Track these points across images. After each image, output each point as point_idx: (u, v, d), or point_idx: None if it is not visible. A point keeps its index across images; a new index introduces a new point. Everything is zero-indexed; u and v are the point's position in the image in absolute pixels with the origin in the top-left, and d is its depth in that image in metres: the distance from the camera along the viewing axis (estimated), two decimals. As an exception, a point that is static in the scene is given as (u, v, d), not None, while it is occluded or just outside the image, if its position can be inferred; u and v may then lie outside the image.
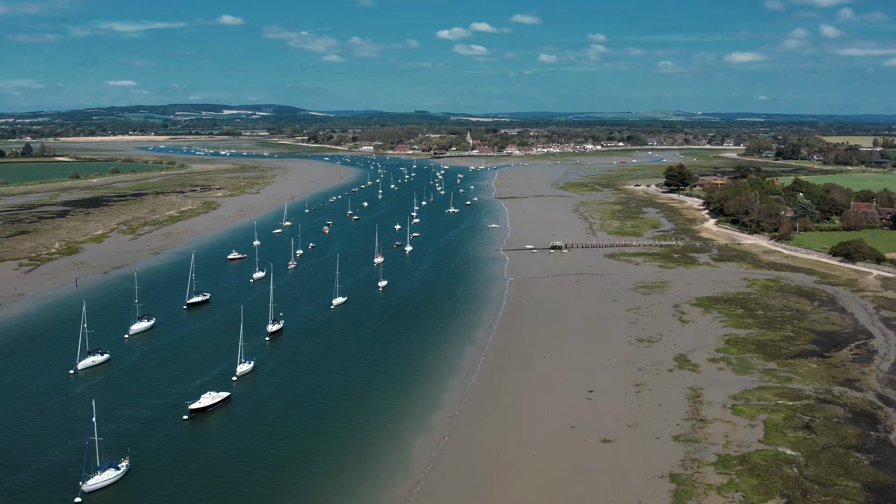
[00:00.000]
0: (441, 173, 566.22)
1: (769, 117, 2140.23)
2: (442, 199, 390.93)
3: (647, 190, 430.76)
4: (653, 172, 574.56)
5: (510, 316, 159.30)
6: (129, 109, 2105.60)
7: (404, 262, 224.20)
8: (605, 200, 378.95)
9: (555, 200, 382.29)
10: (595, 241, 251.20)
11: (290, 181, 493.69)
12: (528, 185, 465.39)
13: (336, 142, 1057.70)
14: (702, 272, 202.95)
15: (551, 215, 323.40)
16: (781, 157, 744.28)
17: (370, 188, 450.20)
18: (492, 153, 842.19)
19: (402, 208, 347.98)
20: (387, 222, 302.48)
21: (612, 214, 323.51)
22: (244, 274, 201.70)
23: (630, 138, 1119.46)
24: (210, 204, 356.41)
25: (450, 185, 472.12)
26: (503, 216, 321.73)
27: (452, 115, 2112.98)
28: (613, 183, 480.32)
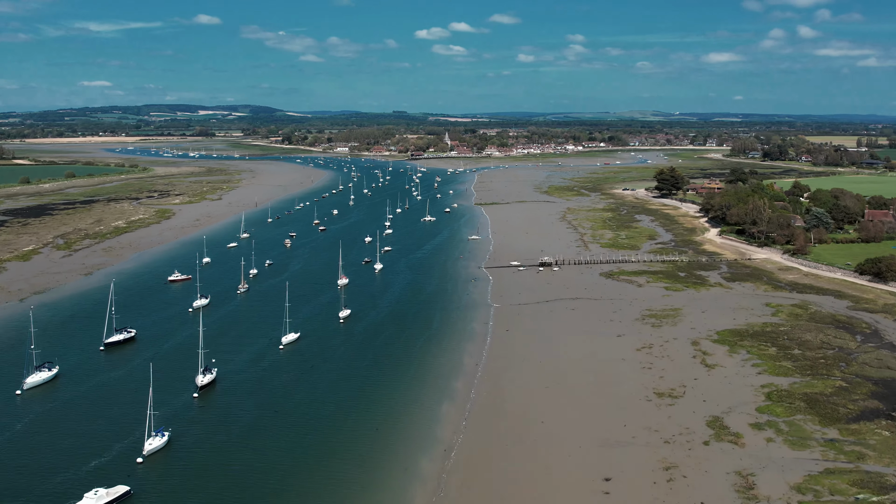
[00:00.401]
0: (418, 176, 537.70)
1: (746, 117, 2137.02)
2: (418, 205, 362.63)
3: (636, 194, 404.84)
4: (639, 175, 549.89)
5: (496, 359, 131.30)
6: (103, 110, 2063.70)
7: (373, 284, 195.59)
8: (594, 207, 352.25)
9: (539, 207, 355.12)
10: (588, 255, 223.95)
11: (257, 186, 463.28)
12: (510, 189, 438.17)
13: (310, 143, 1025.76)
14: (715, 295, 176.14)
15: (537, 224, 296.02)
16: (769, 159, 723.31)
17: (341, 193, 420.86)
18: (471, 154, 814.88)
19: (374, 216, 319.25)
20: (356, 233, 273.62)
21: (603, 223, 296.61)
22: (185, 300, 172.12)
23: (611, 139, 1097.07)
24: (164, 213, 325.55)
25: (427, 190, 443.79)
26: (484, 226, 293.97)
27: (431, 115, 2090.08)
28: (600, 186, 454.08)
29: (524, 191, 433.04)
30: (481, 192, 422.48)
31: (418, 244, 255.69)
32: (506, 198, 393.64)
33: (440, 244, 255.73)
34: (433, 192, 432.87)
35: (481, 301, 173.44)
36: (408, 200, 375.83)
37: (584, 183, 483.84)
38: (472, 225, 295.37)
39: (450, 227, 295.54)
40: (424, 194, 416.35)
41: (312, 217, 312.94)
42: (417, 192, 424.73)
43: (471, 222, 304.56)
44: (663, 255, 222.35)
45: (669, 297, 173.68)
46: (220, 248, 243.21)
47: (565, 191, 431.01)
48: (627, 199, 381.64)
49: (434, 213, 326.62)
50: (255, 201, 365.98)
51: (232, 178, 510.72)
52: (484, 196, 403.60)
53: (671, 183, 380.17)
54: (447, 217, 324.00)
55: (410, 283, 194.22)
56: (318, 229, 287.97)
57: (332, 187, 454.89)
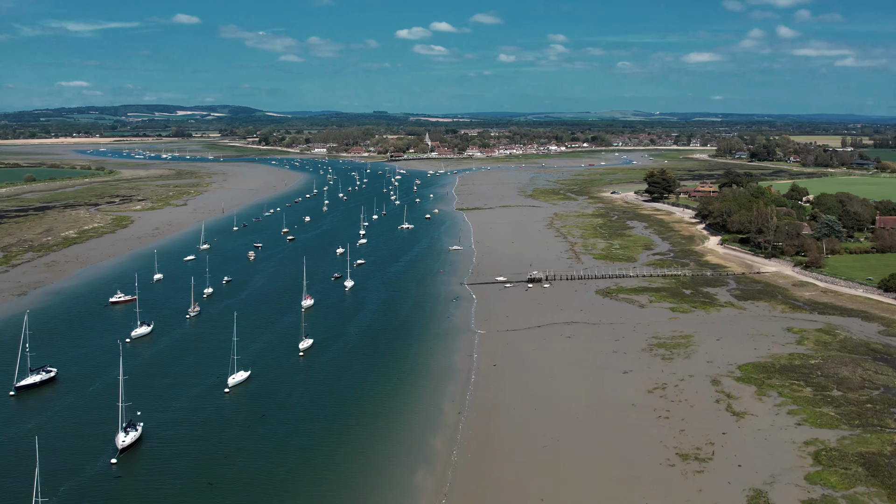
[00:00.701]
0: (396, 179, 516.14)
1: (726, 117, 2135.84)
2: (396, 210, 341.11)
3: (626, 198, 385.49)
4: (626, 177, 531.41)
5: (483, 406, 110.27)
6: (79, 111, 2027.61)
7: (342, 305, 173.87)
8: (583, 212, 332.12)
9: (525, 212, 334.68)
10: (582, 269, 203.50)
11: (227, 190, 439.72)
12: (493, 193, 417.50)
13: (288, 144, 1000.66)
14: (728, 317, 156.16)
15: (523, 232, 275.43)
16: (756, 159, 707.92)
17: (315, 198, 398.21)
18: (452, 155, 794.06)
19: (348, 224, 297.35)
20: (328, 244, 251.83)
21: (594, 231, 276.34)
22: (124, 328, 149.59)
23: (594, 139, 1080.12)
24: (122, 220, 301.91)
25: (405, 194, 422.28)
26: (466, 234, 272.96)
27: (411, 115, 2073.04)
28: (587, 190, 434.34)
29: (508, 194, 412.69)
30: (463, 196, 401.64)
31: (395, 256, 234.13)
32: (489, 202, 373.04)
33: (419, 256, 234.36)
34: (412, 195, 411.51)
35: (464, 326, 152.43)
36: (385, 206, 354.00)
37: (570, 185, 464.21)
38: (454, 233, 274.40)
39: (429, 235, 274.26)
40: (403, 198, 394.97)
41: (282, 225, 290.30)
42: (396, 196, 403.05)
43: (452, 230, 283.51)
44: (663, 269, 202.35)
45: (677, 321, 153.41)
46: (177, 261, 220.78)
47: (551, 194, 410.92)
48: (617, 204, 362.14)
49: (413, 220, 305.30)
50: (222, 207, 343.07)
51: (202, 182, 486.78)
52: (466, 200, 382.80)
53: (663, 186, 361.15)
54: (427, 224, 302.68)
55: (384, 304, 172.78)
56: (287, 239, 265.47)
57: (305, 191, 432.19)
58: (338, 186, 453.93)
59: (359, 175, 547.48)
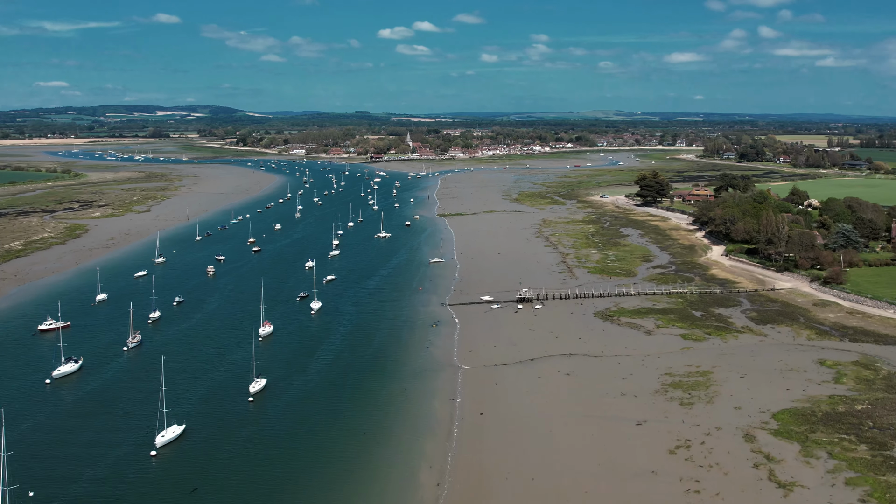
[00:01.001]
0: (375, 181, 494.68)
1: (708, 116, 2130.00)
2: (374, 216, 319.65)
3: (617, 202, 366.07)
4: (614, 178, 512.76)
5: (467, 475, 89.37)
6: (57, 111, 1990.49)
7: (305, 332, 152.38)
8: (572, 218, 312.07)
9: (511, 218, 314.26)
10: (577, 286, 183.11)
11: (197, 194, 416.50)
12: (477, 197, 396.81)
13: (266, 144, 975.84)
14: (748, 347, 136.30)
15: (510, 241, 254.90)
16: (745, 160, 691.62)
17: (289, 202, 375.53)
18: (434, 156, 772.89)
19: (321, 232, 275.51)
20: (297, 256, 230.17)
21: (586, 239, 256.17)
22: (48, 364, 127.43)
23: (579, 139, 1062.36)
24: (76, 230, 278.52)
25: (385, 198, 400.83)
26: (448, 243, 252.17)
27: (394, 115, 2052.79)
28: (575, 193, 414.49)
29: (492, 198, 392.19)
30: (445, 201, 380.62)
31: (370, 270, 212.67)
32: (472, 207, 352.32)
33: (396, 269, 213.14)
34: (391, 200, 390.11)
35: (445, 359, 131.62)
36: (362, 212, 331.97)
37: (557, 188, 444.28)
38: (435, 242, 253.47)
39: (408, 245, 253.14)
40: (382, 203, 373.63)
41: (249, 233, 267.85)
42: (374, 200, 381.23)
43: (433, 239, 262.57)
44: (667, 285, 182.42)
45: (691, 352, 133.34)
46: (127, 277, 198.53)
47: (537, 198, 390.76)
48: (608, 209, 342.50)
49: (391, 228, 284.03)
50: (187, 214, 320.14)
51: (170, 185, 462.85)
52: (448, 205, 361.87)
53: (656, 190, 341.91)
54: (406, 232, 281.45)
55: (354, 331, 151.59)
56: (252, 250, 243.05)
57: (279, 195, 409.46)
58: (313, 190, 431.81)
59: (336, 177, 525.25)
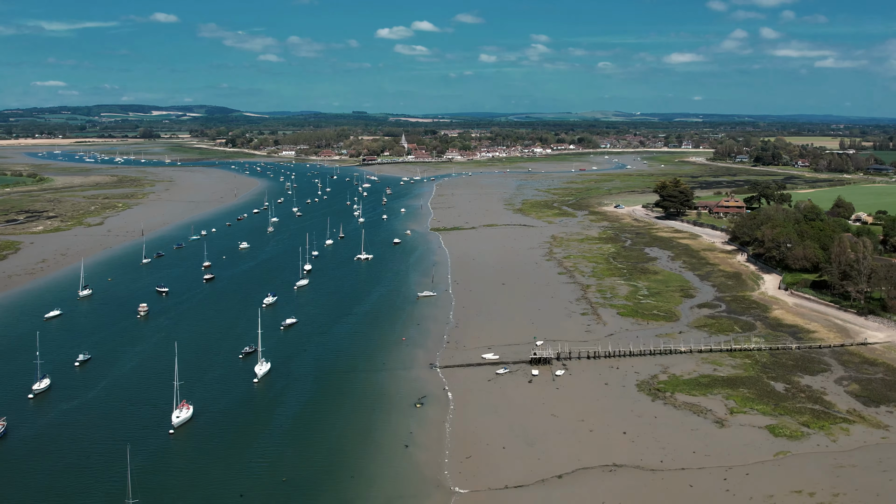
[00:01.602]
0: (365, 187, 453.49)
1: (707, 117, 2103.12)
2: (357, 231, 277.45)
3: (634, 214, 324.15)
4: (625, 185, 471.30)
5: None
6: (51, 111, 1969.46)
7: (241, 415, 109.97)
8: (587, 234, 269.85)
9: (515, 234, 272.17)
10: (606, 336, 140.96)
11: (165, 202, 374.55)
12: (476, 207, 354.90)
13: (255, 146, 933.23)
14: (871, 451, 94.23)
15: (516, 266, 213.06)
16: (760, 163, 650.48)
17: (265, 213, 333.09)
18: (429, 159, 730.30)
19: (293, 253, 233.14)
20: (257, 286, 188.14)
21: (607, 264, 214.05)
22: None
23: (581, 140, 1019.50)
24: (4, 249, 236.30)
25: (373, 207, 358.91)
26: (442, 267, 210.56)
27: (391, 115, 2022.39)
28: (586, 202, 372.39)
29: (493, 208, 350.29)
30: (440, 212, 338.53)
31: (342, 309, 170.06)
32: (470, 219, 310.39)
33: (375, 308, 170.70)
34: (380, 210, 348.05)
35: (431, 473, 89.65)
36: (343, 226, 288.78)
37: (564, 196, 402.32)
38: (426, 267, 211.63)
39: (394, 270, 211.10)
40: (368, 214, 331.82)
41: (205, 257, 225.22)
42: (360, 210, 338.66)
43: (423, 262, 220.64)
44: (724, 336, 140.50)
45: (791, 461, 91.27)
46: (34, 318, 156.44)
47: (544, 208, 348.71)
48: (625, 222, 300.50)
49: (376, 246, 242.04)
50: (142, 229, 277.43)
51: (139, 192, 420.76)
52: (443, 217, 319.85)
53: (680, 201, 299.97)
54: (393, 252, 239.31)
55: (305, 417, 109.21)
56: (205, 278, 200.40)
57: (256, 204, 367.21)
58: (295, 198, 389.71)
59: (323, 182, 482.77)
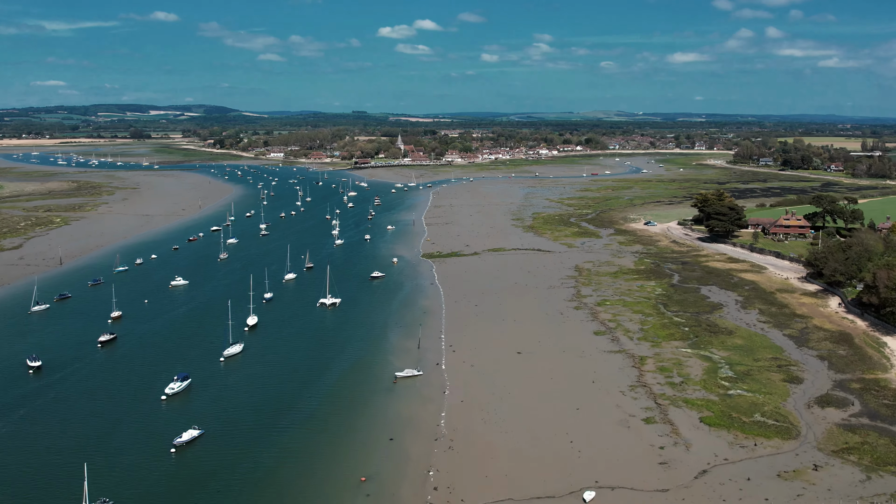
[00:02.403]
0: (351, 196, 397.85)
1: (710, 117, 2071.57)
2: (330, 258, 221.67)
3: (669, 233, 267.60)
4: (646, 192, 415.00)
5: None
6: (47, 110, 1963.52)
7: None
8: (620, 264, 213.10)
9: (529, 264, 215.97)
10: (698, 478, 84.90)
11: (115, 216, 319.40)
12: (478, 222, 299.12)
13: (243, 147, 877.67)
14: None
15: (534, 319, 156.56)
16: (789, 167, 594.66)
17: (223, 232, 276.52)
18: (427, 161, 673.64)
19: (238, 294, 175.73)
20: (168, 357, 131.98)
21: (659, 317, 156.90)
22: None
23: (588, 141, 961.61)
24: None
25: (356, 222, 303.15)
26: (434, 321, 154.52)
27: (392, 115, 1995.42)
28: (608, 216, 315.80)
29: (499, 224, 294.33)
30: (435, 230, 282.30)
31: (278, 403, 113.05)
32: (472, 240, 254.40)
33: (326, 408, 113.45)
34: (363, 227, 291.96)
35: None
36: (314, 251, 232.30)
37: (581, 208, 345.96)
38: (411, 320, 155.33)
39: (367, 325, 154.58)
40: (349, 232, 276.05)
41: (124, 295, 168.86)
42: (338, 229, 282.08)
43: (409, 311, 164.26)
44: (880, 478, 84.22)
45: None
46: None
47: (560, 225, 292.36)
48: (663, 245, 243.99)
49: (349, 283, 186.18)
50: (60, 256, 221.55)
51: (91, 203, 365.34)
52: (439, 237, 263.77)
53: (731, 219, 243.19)
54: (369, 294, 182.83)
55: None
56: (99, 342, 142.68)
57: (220, 218, 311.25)
58: (268, 210, 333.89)
59: (305, 190, 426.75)
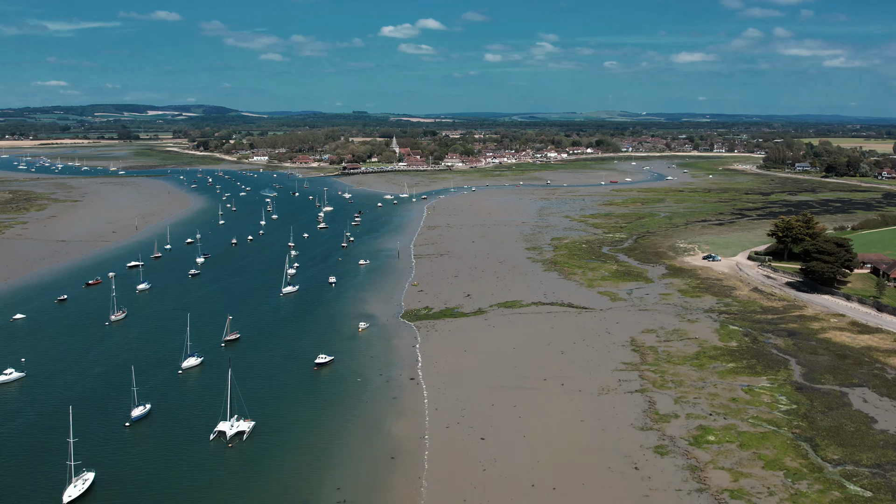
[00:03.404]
0: (327, 211, 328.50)
1: (714, 117, 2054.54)
2: (271, 315, 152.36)
3: (745, 275, 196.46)
4: (686, 207, 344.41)
5: None
6: (43, 110, 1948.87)
7: None
8: (695, 334, 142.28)
9: (558, 327, 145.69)
10: None
11: (21, 241, 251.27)
12: (483, 253, 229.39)
13: (227, 149, 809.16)
14: None
15: (583, 454, 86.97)
16: (833, 174, 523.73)
17: (139, 272, 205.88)
18: (425, 167, 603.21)
19: (102, 398, 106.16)
20: None
21: (811, 474, 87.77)
22: None
23: (600, 143, 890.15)
24: None
25: (323, 255, 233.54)
26: (411, 468, 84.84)
27: (392, 115, 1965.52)
28: (651, 243, 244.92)
29: (510, 256, 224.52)
30: (426, 267, 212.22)
31: None
32: (474, 285, 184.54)
33: None
34: (333, 259, 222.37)
35: None
36: (238, 316, 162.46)
37: (611, 230, 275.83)
38: (366, 475, 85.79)
39: (291, 492, 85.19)
40: (309, 271, 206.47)
41: None
42: (296, 266, 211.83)
43: (364, 452, 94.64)
44: None
45: None
46: None
47: (590, 257, 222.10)
48: (742, 297, 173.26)
49: (274, 382, 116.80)
50: None
51: (4, 222, 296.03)
52: (430, 279, 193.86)
53: (840, 260, 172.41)
54: (302, 405, 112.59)
55: None
56: None
57: (148, 248, 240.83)
58: (224, 230, 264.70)
59: (276, 203, 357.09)
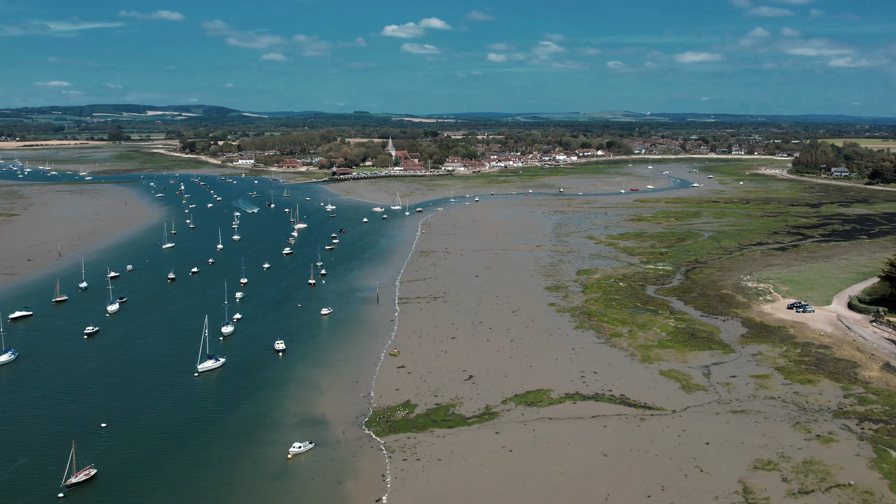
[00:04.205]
0: (300, 229, 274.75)
1: (719, 117, 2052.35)
2: (169, 419, 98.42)
3: (863, 340, 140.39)
4: (725, 220, 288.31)
5: None
6: (42, 111, 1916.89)
7: None
8: (857, 481, 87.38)
9: (611, 454, 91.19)
10: None
11: None
12: (490, 296, 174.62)
13: (213, 152, 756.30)
14: None
15: None
16: (879, 181, 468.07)
17: (22, 328, 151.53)
18: (423, 172, 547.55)
19: None
20: None
21: None
22: None
23: (610, 145, 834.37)
24: None
25: (284, 293, 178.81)
26: None
27: (394, 115, 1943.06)
28: (708, 280, 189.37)
29: (525, 300, 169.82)
30: (413, 321, 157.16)
31: None
32: (478, 358, 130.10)
33: None
34: (292, 304, 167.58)
35: None
36: (113, 422, 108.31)
37: (651, 258, 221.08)
38: None
39: None
40: (255, 325, 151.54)
41: None
42: (236, 318, 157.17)
43: None
44: None
45: None
46: None
47: (634, 304, 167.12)
48: (871, 378, 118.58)
49: None
50: None
51: None
52: (417, 343, 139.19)
53: None
54: None
55: None
56: None
57: (57, 287, 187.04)
58: (167, 257, 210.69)
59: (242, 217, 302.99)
